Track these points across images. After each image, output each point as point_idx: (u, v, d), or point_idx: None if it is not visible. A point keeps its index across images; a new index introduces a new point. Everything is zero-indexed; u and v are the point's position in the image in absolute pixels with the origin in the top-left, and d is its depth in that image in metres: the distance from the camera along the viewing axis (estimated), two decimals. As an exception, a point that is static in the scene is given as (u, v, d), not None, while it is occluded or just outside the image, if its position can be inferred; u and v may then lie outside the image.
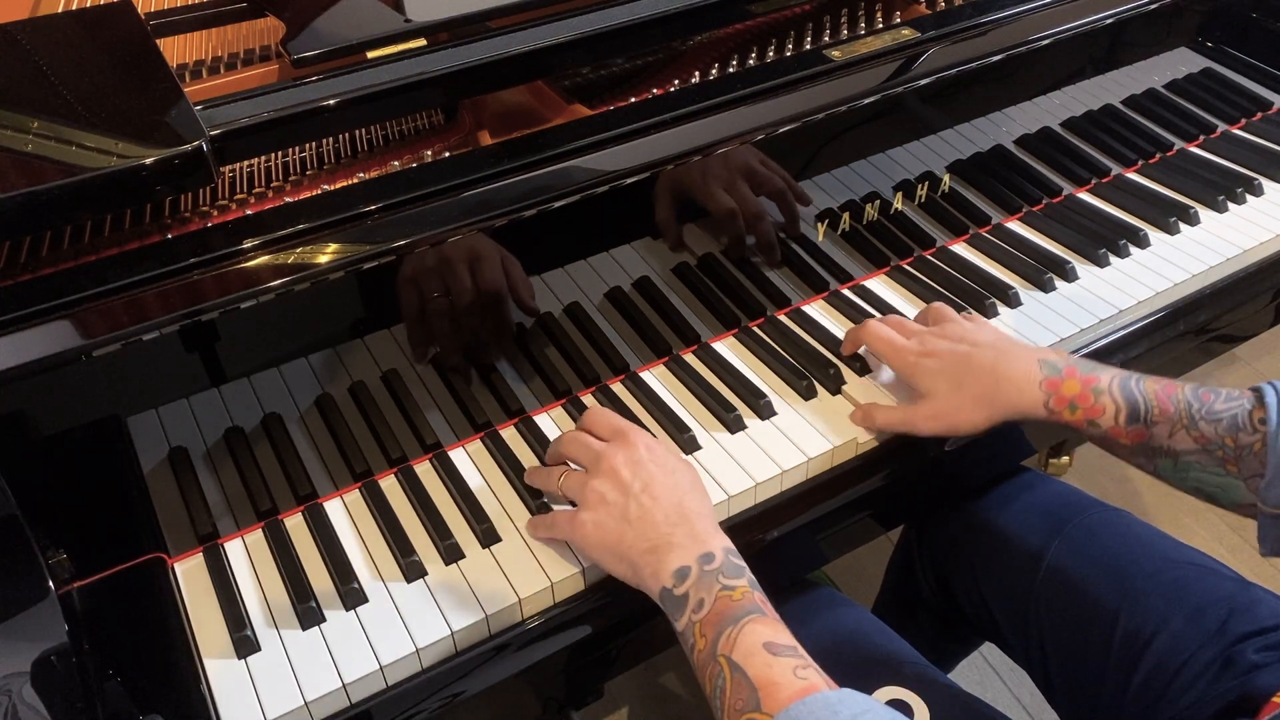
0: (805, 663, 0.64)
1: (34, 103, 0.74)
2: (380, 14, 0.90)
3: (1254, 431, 0.74)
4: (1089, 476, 1.81)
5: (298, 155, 0.92)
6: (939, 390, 0.86)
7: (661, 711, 1.49)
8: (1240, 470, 0.75)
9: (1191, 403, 0.77)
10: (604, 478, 0.76)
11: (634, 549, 0.73)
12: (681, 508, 0.74)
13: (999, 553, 0.99)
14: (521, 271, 0.87)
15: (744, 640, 0.65)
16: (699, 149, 0.89)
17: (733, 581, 0.69)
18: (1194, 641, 0.84)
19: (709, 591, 0.69)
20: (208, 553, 0.81)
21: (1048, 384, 0.82)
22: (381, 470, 0.87)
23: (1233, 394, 0.77)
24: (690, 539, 0.72)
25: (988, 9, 1.04)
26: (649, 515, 0.74)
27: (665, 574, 0.71)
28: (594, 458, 0.78)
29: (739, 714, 0.63)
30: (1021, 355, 0.84)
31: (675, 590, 0.70)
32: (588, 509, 0.76)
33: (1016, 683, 1.53)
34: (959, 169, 1.10)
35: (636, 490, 0.75)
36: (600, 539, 0.75)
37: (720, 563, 0.71)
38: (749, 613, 0.67)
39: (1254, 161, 1.23)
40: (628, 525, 0.74)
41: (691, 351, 0.99)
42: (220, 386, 0.79)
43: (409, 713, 0.75)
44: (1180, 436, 0.77)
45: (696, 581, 0.70)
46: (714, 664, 0.66)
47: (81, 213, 0.74)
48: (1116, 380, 0.80)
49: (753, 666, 0.64)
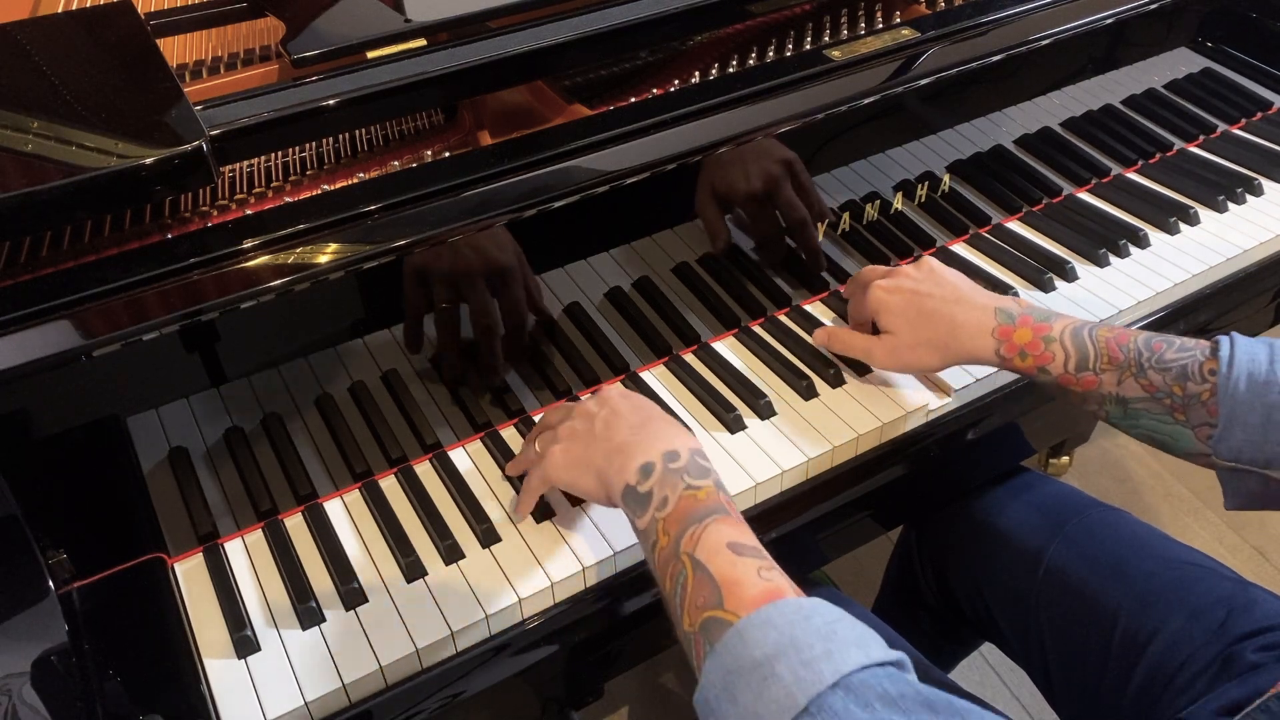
0: (769, 564, 0.63)
1: (34, 103, 0.74)
2: (380, 14, 0.90)
3: (1202, 381, 0.74)
4: (1089, 476, 1.81)
5: (298, 155, 0.92)
6: (898, 328, 0.88)
7: (661, 711, 1.49)
8: (1188, 419, 0.75)
9: (1142, 351, 0.78)
10: (574, 415, 0.79)
11: (599, 453, 0.74)
12: (645, 412, 0.76)
13: (999, 553, 0.99)
14: (532, 276, 0.88)
15: (708, 538, 0.64)
16: (699, 149, 0.89)
17: (698, 481, 0.69)
18: (1193, 641, 0.85)
19: (673, 489, 0.68)
20: (208, 553, 0.81)
21: (1000, 331, 0.83)
22: (381, 470, 0.87)
23: (1187, 344, 0.77)
24: (656, 438, 0.72)
25: (988, 9, 1.04)
26: (614, 424, 0.75)
27: (630, 471, 0.71)
28: (564, 407, 0.81)
29: (700, 611, 0.61)
30: (979, 302, 0.85)
31: (639, 487, 0.70)
32: (558, 441, 0.78)
33: (1016, 683, 1.53)
34: (959, 169, 1.10)
35: (603, 415, 0.76)
36: (569, 459, 0.76)
37: (685, 461, 0.70)
38: (713, 512, 0.66)
39: (1254, 161, 1.23)
40: (593, 439, 0.75)
41: (691, 351, 0.99)
42: (220, 386, 0.79)
43: (409, 713, 0.75)
44: (1129, 384, 0.78)
45: (660, 478, 0.69)
46: (676, 562, 0.64)
47: (81, 213, 0.74)
48: (1069, 328, 0.81)
49: (716, 565, 0.62)
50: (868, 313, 0.92)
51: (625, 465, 0.71)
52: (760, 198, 0.96)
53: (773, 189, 0.96)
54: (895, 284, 0.89)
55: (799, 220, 0.99)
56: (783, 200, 0.97)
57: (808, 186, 0.98)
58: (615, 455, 0.73)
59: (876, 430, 0.91)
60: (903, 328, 0.88)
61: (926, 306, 0.86)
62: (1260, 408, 0.71)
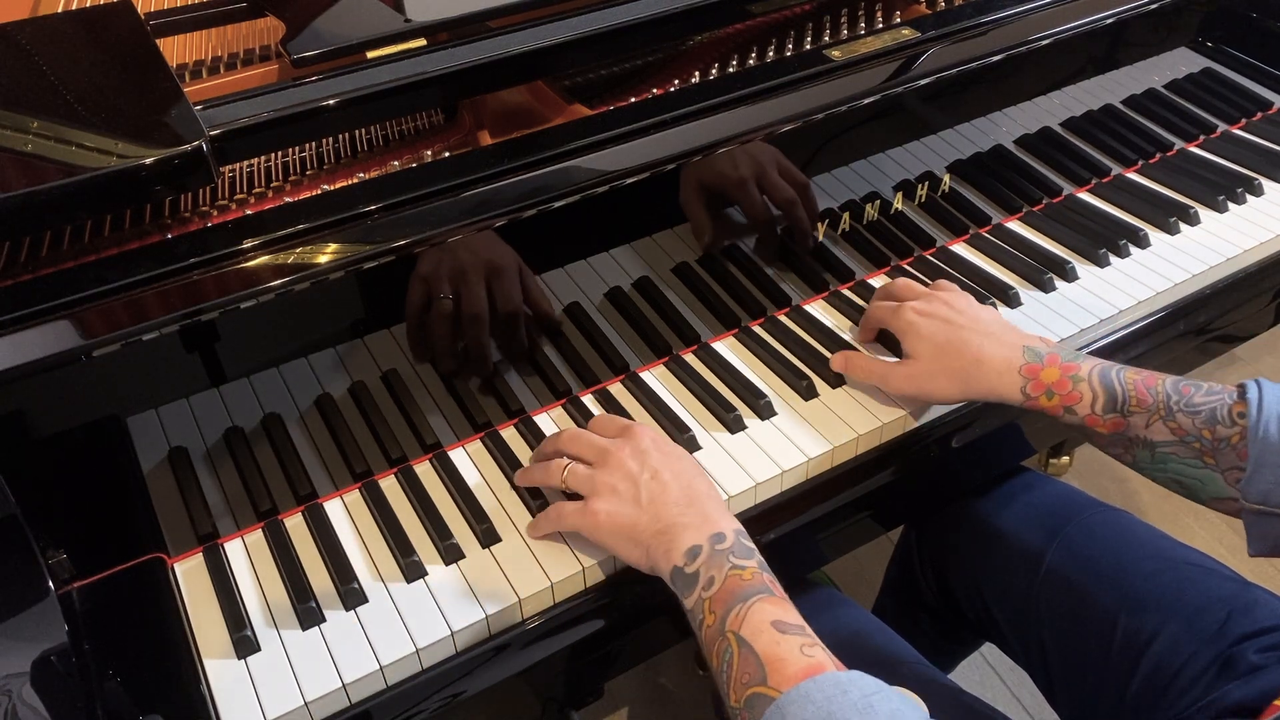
0: (812, 641, 0.65)
1: (34, 103, 0.74)
2: (380, 14, 0.90)
3: (1232, 425, 0.74)
4: (1089, 476, 1.81)
5: (298, 155, 0.92)
6: (922, 354, 0.87)
7: (661, 711, 1.49)
8: (1218, 463, 0.76)
9: (1170, 394, 0.78)
10: (612, 469, 0.77)
11: (647, 532, 0.74)
12: (691, 491, 0.76)
13: (999, 553, 0.99)
14: (534, 279, 0.87)
15: (752, 617, 0.66)
16: (699, 149, 0.89)
17: (743, 561, 0.70)
18: (1194, 642, 0.84)
19: (719, 570, 0.70)
20: (208, 553, 0.81)
21: (1027, 369, 0.83)
22: (381, 470, 0.87)
23: (1214, 388, 0.77)
24: (701, 519, 0.73)
25: (988, 9, 1.04)
26: (660, 499, 0.75)
27: (677, 553, 0.72)
28: (599, 452, 0.79)
29: (745, 688, 0.63)
30: (1007, 340, 0.85)
31: (687, 569, 0.71)
32: (599, 499, 0.77)
33: (1016, 683, 1.53)
34: (959, 169, 1.10)
35: (645, 478, 0.76)
36: (614, 526, 0.76)
37: (731, 543, 0.71)
38: (758, 592, 0.68)
39: (1254, 161, 1.23)
40: (640, 510, 0.75)
41: (691, 351, 0.99)
42: (220, 386, 0.79)
43: (409, 713, 0.75)
44: (1157, 427, 0.78)
45: (707, 560, 0.70)
46: (722, 639, 0.66)
47: (81, 213, 0.74)
48: (1097, 369, 0.81)
49: (760, 643, 0.64)
50: (892, 328, 0.91)
51: (672, 548, 0.72)
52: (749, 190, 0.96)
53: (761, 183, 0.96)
54: (929, 309, 0.89)
55: (786, 200, 0.98)
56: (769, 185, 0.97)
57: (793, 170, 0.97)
58: (662, 535, 0.73)
59: (876, 430, 0.91)
60: (927, 354, 0.87)
61: (956, 337, 0.86)
62: None
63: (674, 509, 0.74)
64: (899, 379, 0.89)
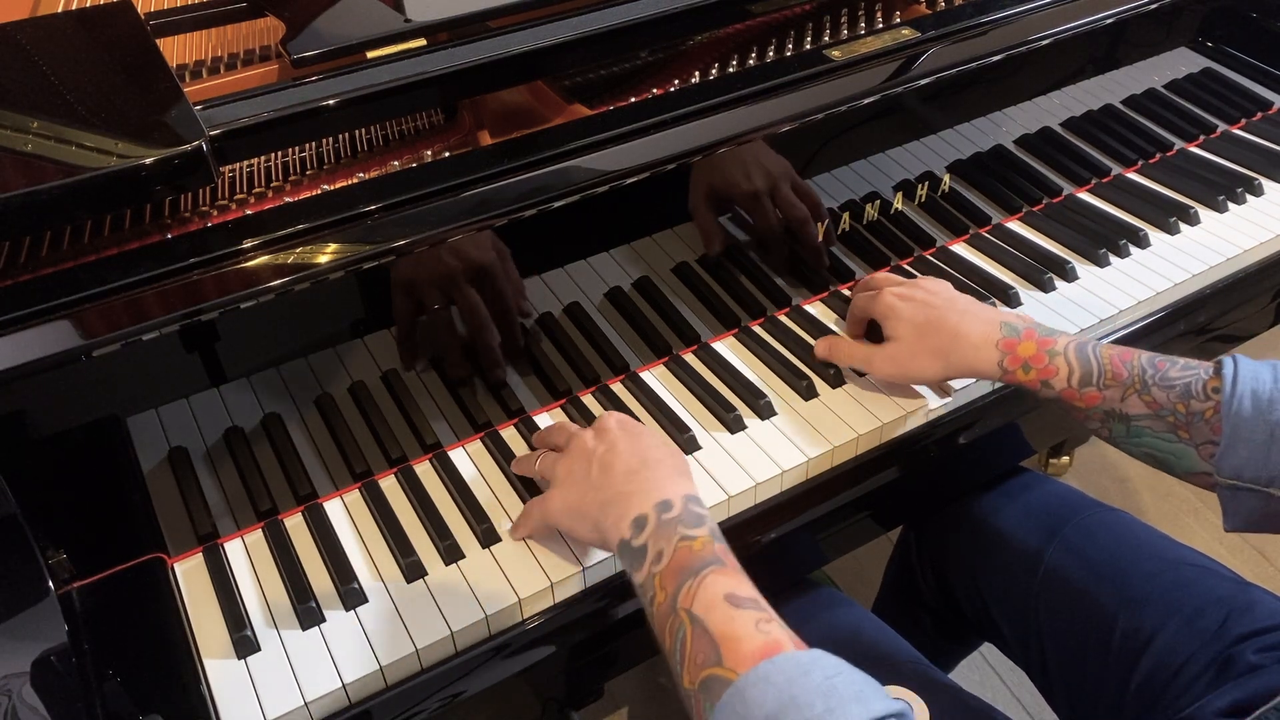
0: (768, 615, 0.62)
1: (34, 103, 0.74)
2: (380, 14, 0.90)
3: (1206, 399, 0.74)
4: (1089, 476, 1.81)
5: (297, 155, 0.92)
6: (902, 335, 0.88)
7: (661, 711, 1.49)
8: (1192, 437, 0.76)
9: (1146, 369, 0.78)
10: (573, 451, 0.77)
11: (593, 503, 0.73)
12: (643, 459, 0.73)
13: (998, 553, 0.99)
14: (515, 272, 0.87)
15: (704, 592, 0.63)
16: (699, 149, 0.89)
17: (693, 531, 0.67)
18: (1193, 642, 0.85)
19: (668, 541, 0.67)
20: (208, 553, 0.81)
21: (1004, 344, 0.83)
22: (381, 470, 0.87)
23: (1190, 363, 0.77)
24: (649, 487, 0.71)
25: (988, 9, 1.04)
26: (609, 471, 0.73)
27: (623, 524, 0.70)
28: (567, 438, 0.80)
29: (700, 669, 0.60)
30: (984, 316, 0.86)
31: (633, 541, 0.69)
32: (556, 484, 0.77)
33: (1016, 683, 1.53)
34: (959, 169, 1.10)
35: (600, 454, 0.75)
36: (566, 506, 0.75)
37: (679, 511, 0.69)
38: (709, 564, 0.65)
39: (1254, 161, 1.23)
40: (589, 486, 0.74)
41: (691, 351, 0.99)
42: (220, 386, 0.79)
43: (409, 713, 0.75)
44: (1132, 401, 0.78)
45: (655, 531, 0.68)
46: (674, 617, 0.64)
47: (81, 213, 0.74)
48: (1073, 344, 0.81)
49: (713, 620, 0.61)
50: (873, 314, 0.92)
51: (619, 519, 0.70)
52: (759, 197, 0.96)
53: (771, 188, 0.96)
54: (907, 292, 0.90)
55: (799, 219, 0.99)
56: (781, 199, 0.97)
57: (805, 185, 0.98)
58: (609, 507, 0.71)
59: (876, 430, 0.91)
60: (907, 334, 0.88)
61: (934, 316, 0.87)
62: (1264, 425, 0.71)
63: (620, 478, 0.72)
64: (881, 361, 0.90)
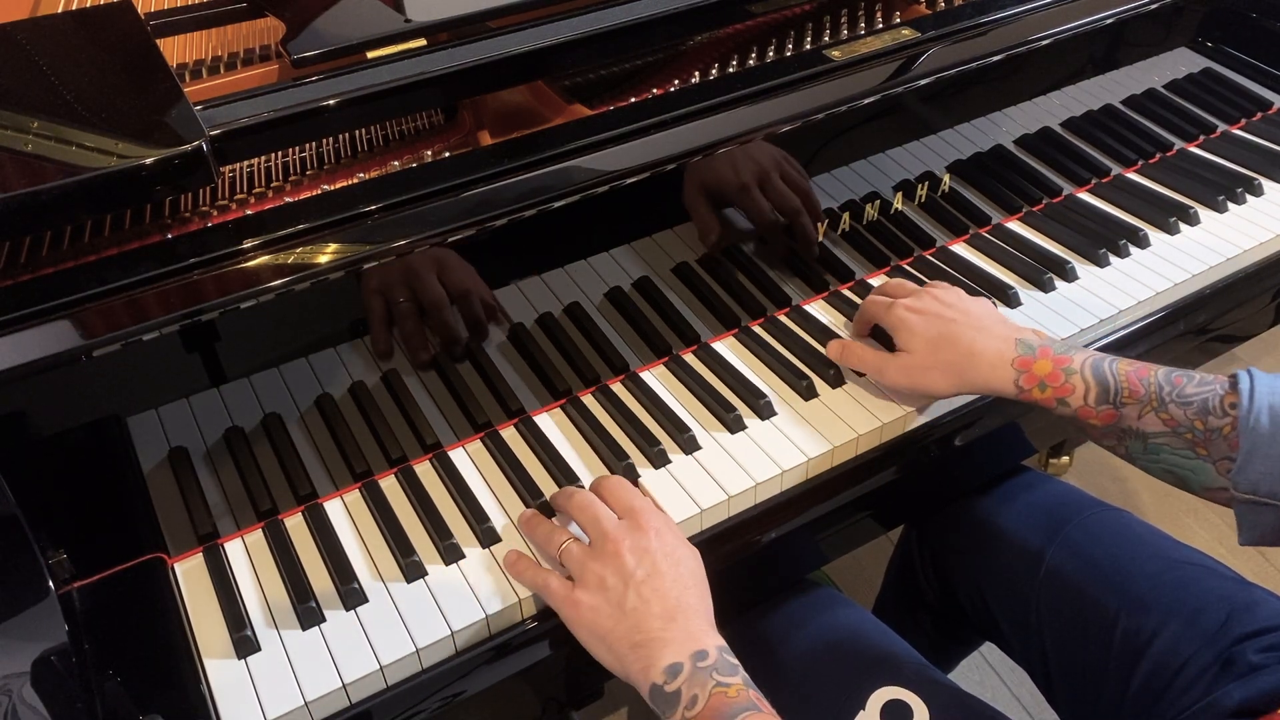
0: None
1: (34, 103, 0.74)
2: (380, 14, 0.90)
3: (1224, 415, 0.74)
4: (1089, 476, 1.81)
5: (298, 155, 0.92)
6: (916, 348, 0.88)
7: (661, 711, 1.49)
8: (1210, 453, 0.75)
9: (1163, 385, 0.78)
10: (607, 560, 0.73)
11: (623, 642, 0.70)
12: (680, 604, 0.71)
13: (999, 553, 0.99)
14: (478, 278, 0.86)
15: None
16: (699, 149, 0.89)
17: (728, 679, 0.67)
18: (1194, 642, 0.84)
19: (703, 688, 0.66)
20: (208, 553, 0.81)
21: (1020, 362, 0.83)
22: (381, 470, 0.87)
23: (1206, 379, 0.77)
24: (684, 636, 0.69)
25: (988, 9, 1.04)
26: (645, 609, 0.71)
27: (656, 670, 0.68)
28: (600, 535, 0.75)
29: None
30: (999, 333, 0.85)
31: (666, 687, 0.67)
32: (585, 589, 0.73)
33: (1016, 683, 1.53)
34: (959, 169, 1.10)
35: (638, 580, 0.72)
36: (591, 624, 0.72)
37: (714, 660, 0.68)
38: (745, 708, 0.65)
39: (1254, 161, 1.23)
40: (622, 616, 0.71)
41: (691, 351, 0.99)
42: (220, 386, 0.79)
43: (409, 713, 0.75)
44: (1149, 418, 0.78)
45: (689, 678, 0.67)
46: None
47: (81, 213, 0.74)
48: (1089, 361, 0.81)
49: None
50: (884, 325, 0.92)
51: (650, 664, 0.68)
52: (758, 197, 0.96)
53: (770, 188, 0.96)
54: (920, 304, 0.89)
55: (792, 209, 0.98)
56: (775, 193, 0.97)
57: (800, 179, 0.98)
58: (640, 650, 0.69)
59: (876, 430, 0.91)
60: (920, 348, 0.87)
61: (948, 330, 0.86)
62: None
63: (657, 622, 0.70)
64: (894, 371, 0.89)
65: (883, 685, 0.85)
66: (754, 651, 0.83)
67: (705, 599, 0.74)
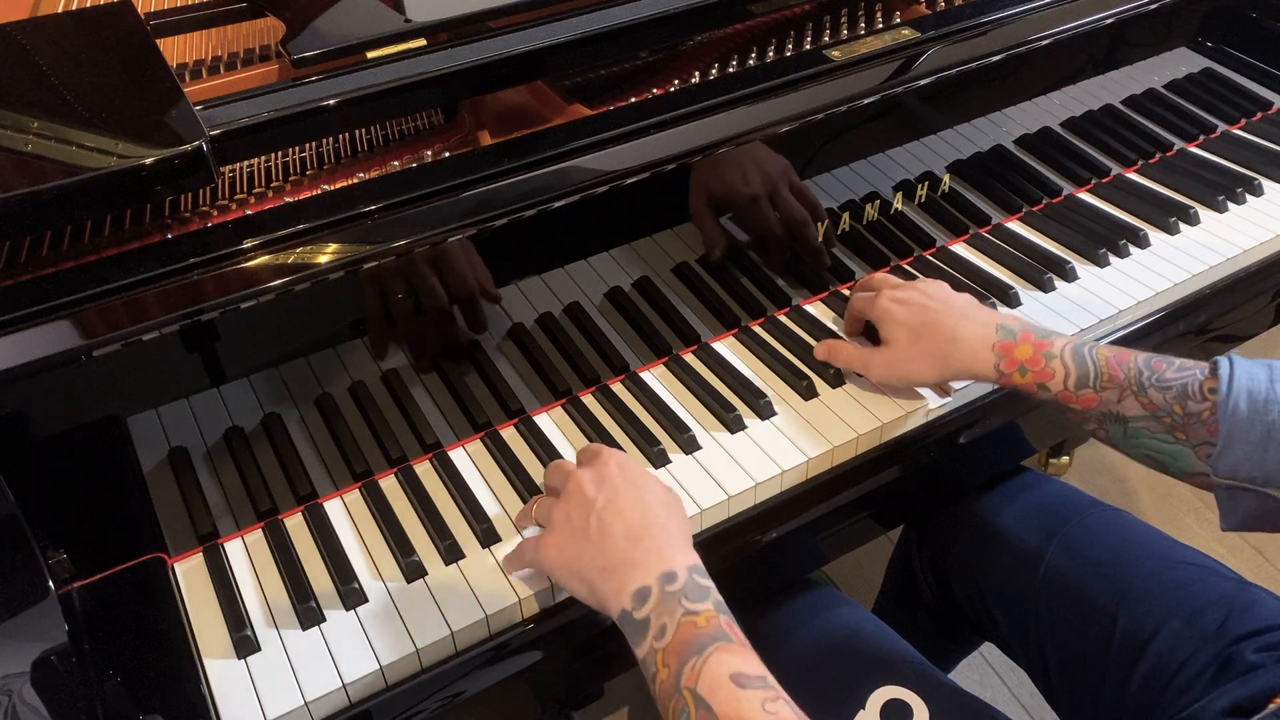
0: (775, 694, 0.61)
1: (34, 103, 0.74)
2: (380, 14, 0.90)
3: (1203, 400, 0.74)
4: (1089, 476, 1.81)
5: (298, 155, 0.92)
6: (899, 338, 0.89)
7: (661, 711, 1.49)
8: (1189, 438, 0.75)
9: (1142, 370, 0.78)
10: (569, 496, 0.73)
11: (591, 567, 0.69)
12: (645, 521, 0.70)
13: (998, 553, 0.99)
14: (483, 267, 0.86)
15: (710, 672, 0.61)
16: (699, 149, 0.89)
17: (697, 605, 0.65)
18: (1193, 642, 0.85)
19: (671, 616, 0.65)
20: (208, 553, 0.81)
21: (1000, 347, 0.83)
22: (381, 470, 0.87)
23: (1186, 364, 0.77)
24: (652, 556, 0.68)
25: (988, 9, 1.04)
26: (608, 530, 0.70)
27: (625, 595, 0.67)
28: (564, 478, 0.75)
29: None
30: (981, 319, 0.86)
31: (635, 614, 0.66)
32: (552, 530, 0.73)
33: (1016, 683, 1.53)
34: (959, 169, 1.10)
35: (600, 506, 0.71)
36: (560, 559, 0.72)
37: (683, 583, 0.66)
38: (715, 640, 0.63)
39: (1254, 161, 1.23)
40: (587, 542, 0.70)
41: (691, 351, 0.99)
42: (220, 386, 0.79)
43: (409, 713, 0.75)
44: (1129, 402, 0.78)
45: (658, 604, 0.66)
46: (678, 696, 0.62)
47: (82, 213, 0.74)
48: (1070, 346, 0.81)
49: (719, 701, 0.60)
50: (869, 317, 0.92)
51: (620, 588, 0.67)
52: (758, 197, 0.96)
53: (771, 188, 0.96)
54: (904, 295, 0.90)
55: (799, 220, 0.99)
56: (781, 201, 0.97)
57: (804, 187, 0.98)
58: (608, 574, 0.68)
59: (876, 430, 0.91)
60: (903, 337, 0.88)
61: (930, 319, 0.87)
62: (1260, 425, 0.71)
63: (622, 543, 0.69)
64: (879, 364, 0.90)
65: (883, 685, 0.85)
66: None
67: (677, 517, 0.73)
